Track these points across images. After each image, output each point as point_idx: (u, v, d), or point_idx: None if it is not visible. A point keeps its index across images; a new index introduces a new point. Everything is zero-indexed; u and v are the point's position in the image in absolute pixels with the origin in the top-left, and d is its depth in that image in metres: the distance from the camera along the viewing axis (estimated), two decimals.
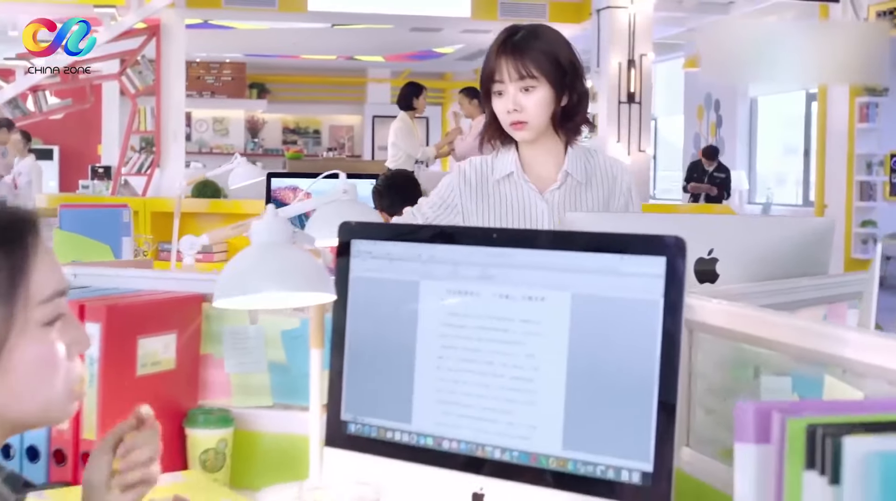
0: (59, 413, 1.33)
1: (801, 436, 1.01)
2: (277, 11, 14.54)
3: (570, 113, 2.77)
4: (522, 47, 2.70)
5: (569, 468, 1.55)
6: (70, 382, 1.32)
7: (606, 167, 2.83)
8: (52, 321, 1.29)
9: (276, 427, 2.10)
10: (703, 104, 18.12)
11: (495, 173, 2.82)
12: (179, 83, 13.62)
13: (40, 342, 1.27)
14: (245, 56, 20.94)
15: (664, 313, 1.49)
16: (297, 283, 1.59)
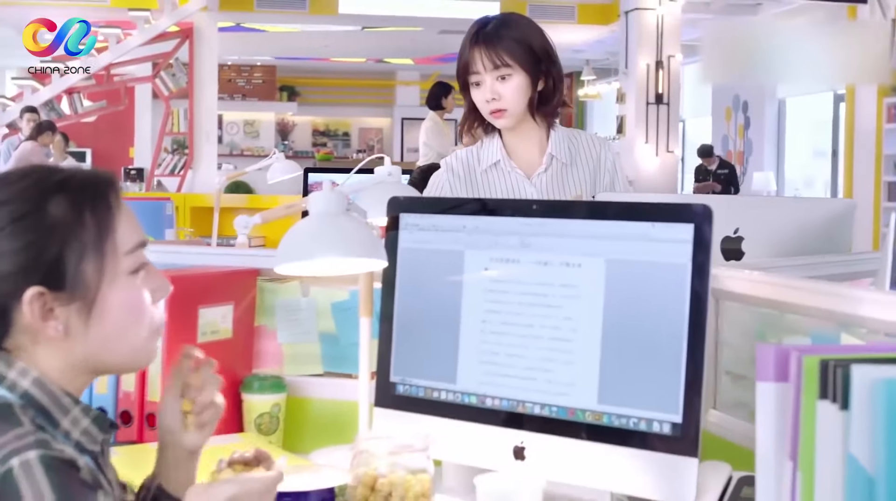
0: (145, 356, 1.46)
1: (815, 369, 1.13)
2: (308, 14, 14.70)
3: (548, 97, 2.82)
4: (494, 37, 2.73)
5: (604, 421, 1.67)
6: (154, 325, 1.45)
7: (590, 146, 2.89)
8: (137, 270, 1.42)
9: (326, 394, 2.24)
10: (731, 106, 18.12)
11: (482, 163, 2.87)
12: (212, 85, 13.79)
13: (128, 289, 1.41)
14: (275, 59, 21.11)
15: (692, 275, 1.61)
16: (352, 249, 1.72)
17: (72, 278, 1.36)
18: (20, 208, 1.36)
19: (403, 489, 1.62)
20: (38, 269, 1.35)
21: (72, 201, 1.37)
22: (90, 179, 1.42)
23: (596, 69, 19.19)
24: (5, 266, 1.34)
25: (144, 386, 2.08)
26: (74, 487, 1.25)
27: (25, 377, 1.36)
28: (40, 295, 1.34)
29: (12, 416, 1.30)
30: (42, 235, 1.35)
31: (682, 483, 1.60)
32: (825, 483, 1.12)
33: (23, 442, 1.25)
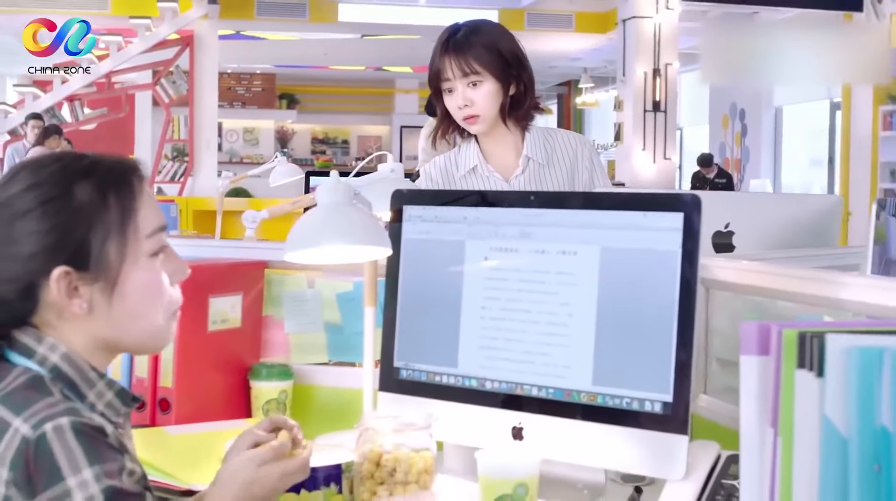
0: (163, 336, 1.54)
1: (793, 341, 1.21)
2: (308, 22, 14.82)
3: (519, 101, 2.84)
4: (463, 45, 2.76)
5: (598, 401, 1.75)
6: (172, 306, 1.53)
7: (566, 144, 2.91)
8: (157, 252, 1.50)
9: (331, 382, 2.32)
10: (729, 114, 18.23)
11: (460, 169, 2.91)
12: (212, 93, 13.88)
13: (148, 270, 1.49)
14: (275, 67, 21.23)
15: (682, 261, 1.69)
16: (358, 237, 1.80)
17: (96, 259, 1.44)
18: (49, 191, 1.44)
19: (407, 465, 1.71)
20: (65, 249, 1.43)
21: (97, 185, 1.45)
22: (115, 165, 1.50)
23: (594, 77, 19.29)
24: (34, 246, 1.42)
25: (157, 373, 2.15)
26: (104, 450, 1.33)
27: (54, 352, 1.44)
28: (66, 274, 1.42)
29: (44, 387, 1.39)
30: (69, 217, 1.43)
31: (673, 459, 1.68)
32: (803, 447, 1.20)
33: (55, 410, 1.33)
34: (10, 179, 1.47)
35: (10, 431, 1.32)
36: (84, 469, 1.30)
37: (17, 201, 1.44)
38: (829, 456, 1.16)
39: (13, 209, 1.44)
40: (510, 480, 1.55)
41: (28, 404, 1.35)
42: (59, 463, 1.30)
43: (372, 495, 1.70)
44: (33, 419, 1.32)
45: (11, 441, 1.31)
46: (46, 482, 1.29)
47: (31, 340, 1.44)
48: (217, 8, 13.43)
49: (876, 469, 1.11)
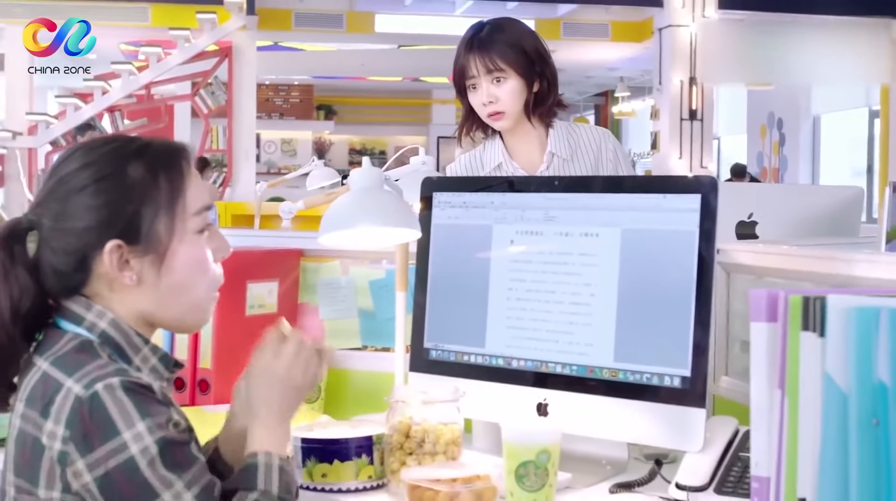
0: (203, 312, 1.63)
1: (798, 305, 1.27)
2: (345, 33, 14.94)
3: (543, 97, 2.87)
4: (488, 42, 2.80)
5: (620, 377, 1.83)
6: (214, 284, 1.62)
7: (590, 139, 2.93)
8: (202, 230, 1.59)
9: (363, 366, 2.40)
10: (766, 123, 18.19)
11: (485, 167, 2.93)
12: (251, 103, 13.99)
13: (194, 246, 1.58)
14: (313, 78, 21.37)
15: (699, 240, 1.76)
16: (390, 219, 1.88)
17: (146, 234, 1.53)
18: (103, 169, 1.53)
19: (435, 435, 1.78)
20: (117, 224, 1.52)
21: (149, 165, 1.55)
22: (165, 146, 1.60)
23: (631, 87, 19.32)
24: (88, 220, 1.52)
25: (196, 354, 2.24)
26: (152, 404, 1.43)
27: (102, 318, 1.53)
28: (118, 247, 1.52)
29: (93, 351, 1.49)
30: (121, 194, 1.52)
31: (692, 431, 1.74)
32: (807, 405, 1.26)
33: (105, 371, 1.43)
34: (66, 158, 1.58)
35: (63, 391, 1.42)
36: (137, 422, 1.40)
37: (73, 178, 1.54)
38: (830, 412, 1.22)
39: (69, 186, 1.54)
40: (533, 447, 1.62)
41: (79, 366, 1.44)
42: (113, 419, 1.39)
43: (401, 465, 1.78)
44: (85, 379, 1.41)
45: (65, 400, 1.41)
46: (103, 436, 1.39)
47: (80, 308, 1.53)
48: (255, 19, 13.57)
49: (874, 422, 1.18)
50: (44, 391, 1.44)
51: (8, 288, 1.51)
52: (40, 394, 1.44)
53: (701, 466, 1.71)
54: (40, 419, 1.42)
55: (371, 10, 14.80)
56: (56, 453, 1.40)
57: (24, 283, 1.52)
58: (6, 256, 1.52)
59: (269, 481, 1.52)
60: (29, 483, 1.44)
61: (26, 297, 1.51)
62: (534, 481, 1.62)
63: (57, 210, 1.53)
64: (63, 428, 1.40)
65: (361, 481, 1.78)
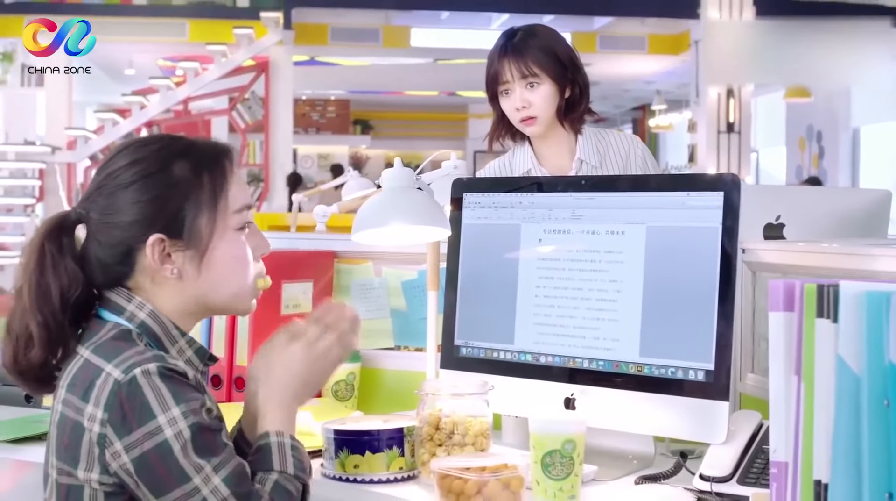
0: (245, 302, 1.69)
1: (813, 294, 1.32)
2: (381, 47, 15.03)
3: (575, 104, 2.90)
4: (522, 48, 2.83)
5: (645, 371, 1.87)
6: (254, 277, 1.68)
7: (619, 145, 2.96)
8: (242, 227, 1.65)
9: (396, 366, 2.45)
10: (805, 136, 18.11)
11: (514, 172, 2.95)
12: (287, 118, 14.10)
13: (234, 243, 1.64)
14: (349, 93, 21.49)
15: (722, 236, 1.80)
16: (420, 218, 1.94)
17: (188, 229, 1.60)
18: (149, 166, 1.61)
19: (464, 427, 1.83)
20: (161, 219, 1.59)
21: (193, 164, 1.62)
22: (210, 147, 1.67)
23: (668, 100, 19.30)
24: (134, 215, 1.59)
25: (233, 352, 2.30)
26: (187, 390, 1.50)
27: (142, 309, 1.60)
28: (161, 241, 1.59)
29: (131, 339, 1.56)
30: (166, 191, 1.60)
31: (715, 424, 1.78)
32: (822, 388, 1.30)
33: (143, 357, 1.50)
34: (115, 155, 1.65)
35: (103, 376, 1.49)
36: (172, 407, 1.47)
37: (121, 174, 1.61)
38: (843, 395, 1.26)
39: (117, 182, 1.61)
40: (559, 436, 1.66)
41: (118, 352, 1.51)
42: (149, 403, 1.46)
43: (431, 456, 1.82)
44: (124, 364, 1.48)
45: (104, 384, 1.48)
46: (139, 419, 1.46)
47: (121, 299, 1.61)
48: (292, 34, 13.69)
49: (885, 404, 1.22)
50: (84, 377, 1.51)
51: (58, 278, 1.58)
52: (81, 380, 1.52)
53: (724, 457, 1.75)
54: (81, 403, 1.49)
55: (407, 24, 14.89)
56: (95, 435, 1.47)
57: (73, 273, 1.59)
58: (55, 247, 1.59)
59: (284, 461, 1.59)
60: (69, 465, 1.50)
61: (74, 286, 1.59)
62: (560, 470, 1.66)
63: (104, 204, 1.61)
64: (102, 411, 1.47)
65: (393, 472, 1.83)
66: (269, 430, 1.62)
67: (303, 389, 1.67)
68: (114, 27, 13.62)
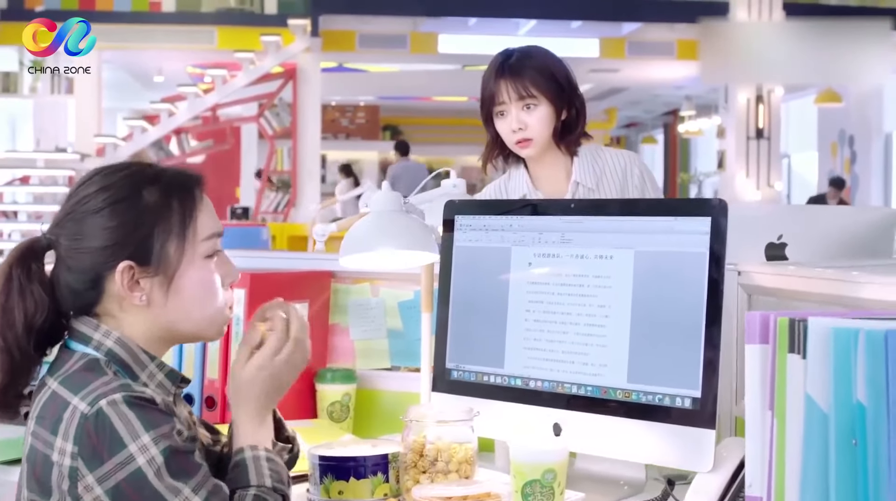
0: (213, 329, 1.69)
1: (785, 327, 1.30)
2: (409, 54, 15.06)
3: (571, 126, 2.86)
4: (519, 69, 2.79)
5: (632, 398, 1.85)
6: (223, 305, 1.68)
7: (615, 163, 2.91)
8: (211, 255, 1.65)
9: (392, 386, 2.44)
10: (837, 141, 18.00)
11: (510, 197, 2.92)
12: (315, 125, 14.14)
13: (202, 270, 1.64)
14: (378, 99, 21.55)
15: (710, 262, 1.78)
16: (408, 242, 1.93)
17: (157, 256, 1.60)
18: (119, 193, 1.61)
19: (448, 455, 1.82)
20: (130, 245, 1.59)
21: (163, 191, 1.62)
22: (180, 174, 1.67)
23: (698, 105, 19.23)
24: (103, 241, 1.59)
25: (226, 375, 2.29)
26: (156, 415, 1.50)
27: (109, 337, 1.60)
28: (130, 268, 1.59)
29: (99, 369, 1.56)
30: (135, 217, 1.60)
31: (702, 452, 1.76)
32: (792, 425, 1.28)
33: (109, 387, 1.50)
34: (85, 182, 1.65)
35: (70, 409, 1.49)
36: (142, 434, 1.47)
37: (91, 200, 1.62)
38: (812, 432, 1.24)
39: (86, 207, 1.61)
40: (539, 466, 1.64)
41: (84, 384, 1.51)
42: (118, 432, 1.46)
43: (415, 483, 1.81)
44: (90, 396, 1.48)
45: (72, 417, 1.48)
46: (110, 450, 1.46)
47: (88, 328, 1.61)
48: (319, 41, 13.73)
49: (854, 443, 1.19)
50: (53, 410, 1.51)
51: (23, 303, 1.58)
52: (49, 413, 1.52)
53: (710, 487, 1.72)
54: (50, 436, 1.49)
55: (434, 30, 14.92)
56: (66, 468, 1.47)
57: (39, 299, 1.59)
58: (23, 272, 1.59)
59: (260, 475, 1.59)
60: (42, 497, 1.50)
61: (40, 312, 1.59)
62: (540, 499, 1.65)
63: (74, 230, 1.61)
64: (71, 445, 1.47)
65: (377, 498, 1.82)
66: (243, 445, 1.63)
67: (269, 399, 1.67)
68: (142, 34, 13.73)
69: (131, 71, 16.35)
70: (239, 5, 14.06)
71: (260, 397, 1.66)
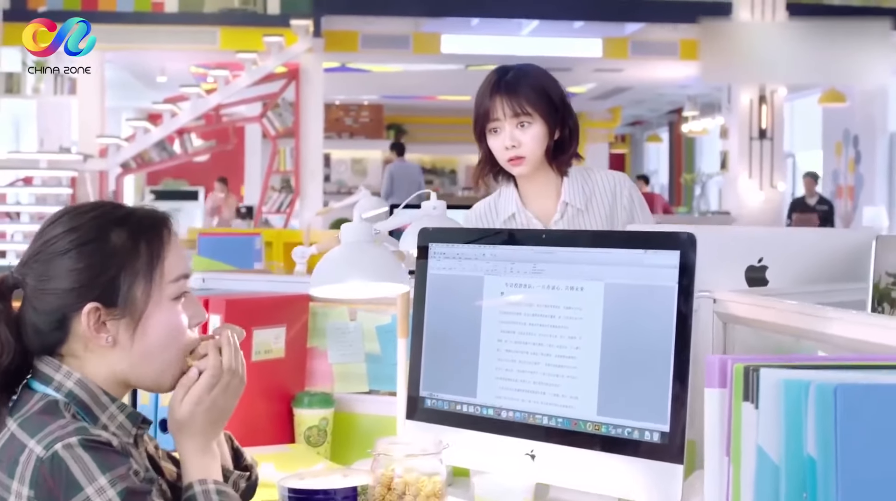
0: (170, 377, 1.67)
1: (741, 374, 1.29)
2: (412, 54, 15.05)
3: (563, 146, 2.88)
4: (515, 86, 2.80)
5: (602, 430, 1.84)
6: (185, 349, 1.67)
7: (605, 185, 2.92)
8: (179, 296, 1.65)
9: (370, 410, 2.44)
10: (842, 140, 17.96)
11: (500, 215, 2.94)
12: (317, 124, 14.15)
13: (169, 312, 1.64)
14: (382, 98, 21.53)
15: (678, 296, 1.78)
16: (377, 274, 1.93)
17: (123, 297, 1.60)
18: (86, 234, 1.61)
19: (416, 488, 1.81)
20: (97, 287, 1.59)
21: (130, 232, 1.62)
22: (149, 215, 1.67)
23: (703, 104, 19.19)
24: (70, 282, 1.59)
25: None
26: (112, 457, 1.49)
27: (69, 378, 1.60)
28: (96, 310, 1.59)
29: (57, 411, 1.55)
30: (102, 259, 1.60)
31: (669, 488, 1.76)
32: (746, 475, 1.27)
33: (65, 431, 1.50)
34: (52, 222, 1.65)
35: (26, 452, 1.48)
36: (98, 477, 1.46)
37: (58, 241, 1.61)
38: (763, 483, 1.24)
39: (53, 249, 1.61)
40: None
41: (41, 427, 1.51)
42: (74, 476, 1.46)
43: None
44: (45, 440, 1.48)
45: (28, 461, 1.48)
46: (66, 494, 1.45)
47: (50, 369, 1.61)
48: (321, 42, 13.73)
49: (804, 497, 1.19)
50: (10, 453, 1.51)
51: None
52: (7, 455, 1.51)
53: None
54: (7, 479, 1.49)
55: (437, 31, 14.89)
56: None
57: (6, 339, 1.59)
58: None
59: None
60: None
61: (7, 353, 1.59)
62: None
63: (41, 271, 1.61)
64: (28, 489, 1.47)
65: None
66: (192, 480, 1.63)
67: (212, 430, 1.68)
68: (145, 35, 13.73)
69: (134, 71, 16.35)
70: (242, 5, 14.06)
71: (203, 430, 1.66)
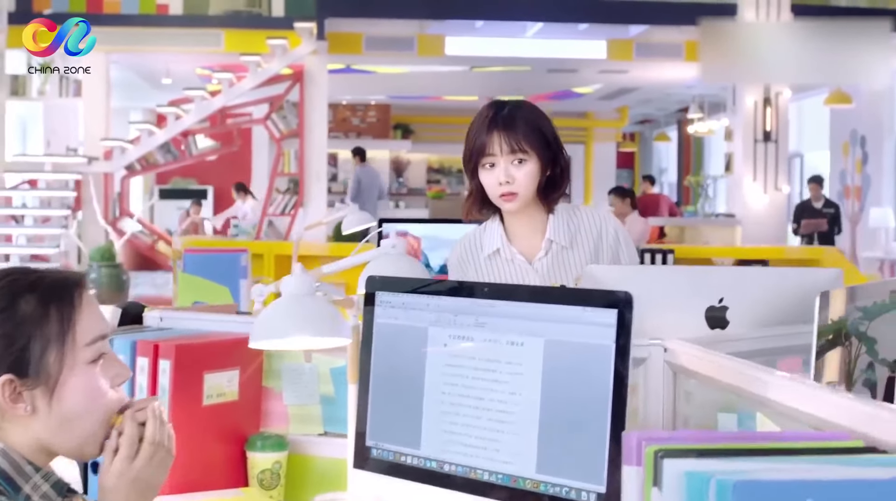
0: (92, 445, 1.66)
1: (651, 458, 1.27)
2: (417, 56, 15.04)
3: (555, 183, 2.90)
4: (511, 122, 2.81)
5: (541, 489, 1.82)
6: (108, 413, 1.66)
7: (590, 223, 2.94)
8: (96, 359, 1.63)
9: (324, 452, 2.42)
10: (849, 141, 17.89)
11: (484, 250, 2.96)
12: (322, 126, 14.17)
13: (86, 376, 1.63)
14: (389, 98, 21.54)
15: (615, 355, 1.75)
16: (319, 329, 1.91)
17: (35, 366, 1.58)
18: None
19: None
20: (8, 358, 1.57)
21: (40, 298, 1.60)
22: (60, 279, 1.64)
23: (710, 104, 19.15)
24: None
25: None
26: None
27: None
28: (10, 382, 1.57)
29: None
30: (12, 329, 1.58)
31: None
32: None
33: None
34: None
35: None
36: None
37: None
38: None
39: None
40: None
41: None
42: None
43: None
44: None
45: None
46: None
47: None
48: (325, 44, 13.73)
49: None
50: None
51: None
52: None
53: None
54: None
55: (441, 33, 14.89)
56: None
57: None
58: None
59: None
60: None
61: None
62: None
63: None
64: None
65: None
66: None
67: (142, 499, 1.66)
68: (150, 37, 13.75)
69: (139, 73, 16.37)
70: (246, 8, 14.08)
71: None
